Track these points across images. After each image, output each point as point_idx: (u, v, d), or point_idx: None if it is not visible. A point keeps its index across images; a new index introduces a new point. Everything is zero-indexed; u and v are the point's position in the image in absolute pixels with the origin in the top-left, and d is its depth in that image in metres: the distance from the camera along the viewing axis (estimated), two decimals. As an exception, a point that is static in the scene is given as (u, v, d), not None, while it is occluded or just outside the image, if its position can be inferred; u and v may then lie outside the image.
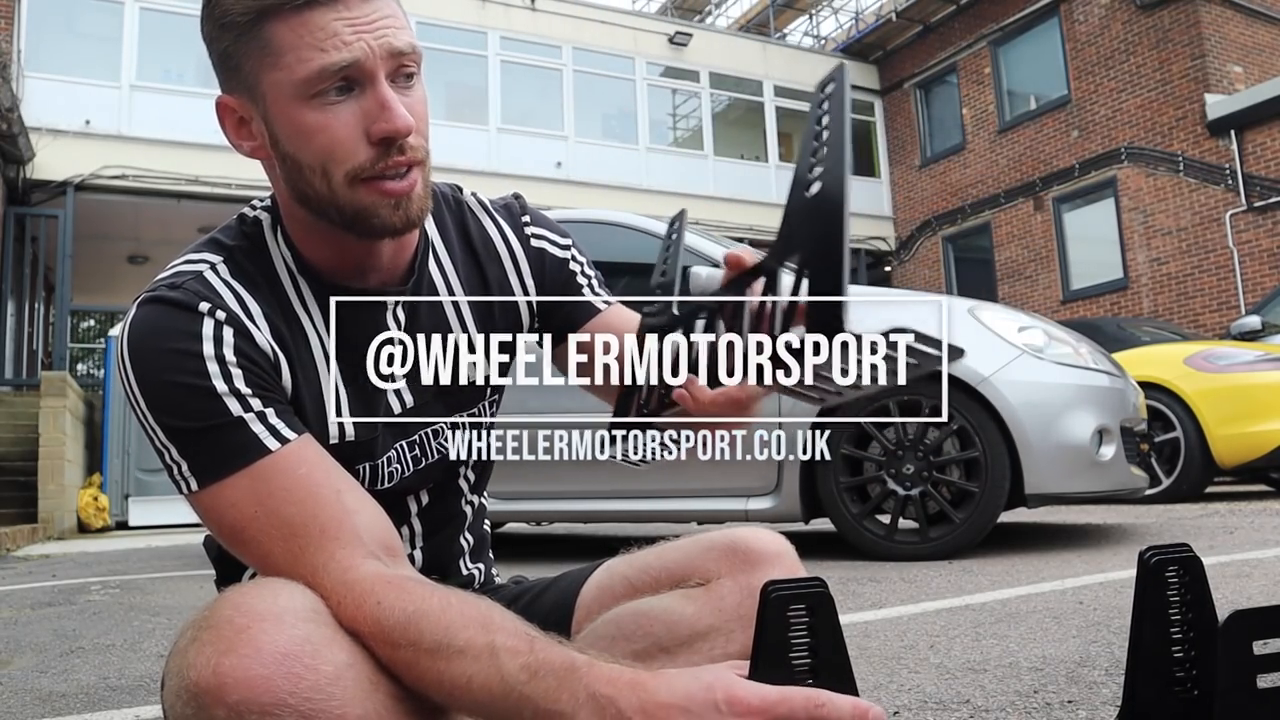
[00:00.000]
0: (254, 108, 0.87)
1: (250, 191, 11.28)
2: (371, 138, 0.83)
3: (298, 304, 0.93)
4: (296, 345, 0.91)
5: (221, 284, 0.89)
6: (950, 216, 14.76)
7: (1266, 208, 10.71)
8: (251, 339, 0.87)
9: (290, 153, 0.86)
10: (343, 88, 0.83)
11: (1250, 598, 2.09)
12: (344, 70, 0.82)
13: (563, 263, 1.08)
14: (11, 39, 10.41)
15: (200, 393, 0.83)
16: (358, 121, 0.83)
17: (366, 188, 0.85)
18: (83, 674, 1.94)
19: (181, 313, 0.85)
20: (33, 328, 13.10)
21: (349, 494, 0.85)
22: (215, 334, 0.85)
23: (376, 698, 0.76)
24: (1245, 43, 11.82)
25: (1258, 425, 5.15)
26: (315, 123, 0.83)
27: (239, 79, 0.86)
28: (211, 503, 0.83)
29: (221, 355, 0.84)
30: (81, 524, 9.15)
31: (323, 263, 0.93)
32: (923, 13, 15.00)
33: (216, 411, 0.83)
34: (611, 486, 3.68)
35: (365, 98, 0.83)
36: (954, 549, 3.19)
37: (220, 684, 0.71)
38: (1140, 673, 0.93)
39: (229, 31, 0.84)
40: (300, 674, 0.72)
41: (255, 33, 0.83)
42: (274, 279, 0.92)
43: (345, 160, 0.84)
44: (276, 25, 0.82)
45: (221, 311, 0.86)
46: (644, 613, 1.02)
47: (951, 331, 3.78)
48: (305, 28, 0.81)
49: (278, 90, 0.84)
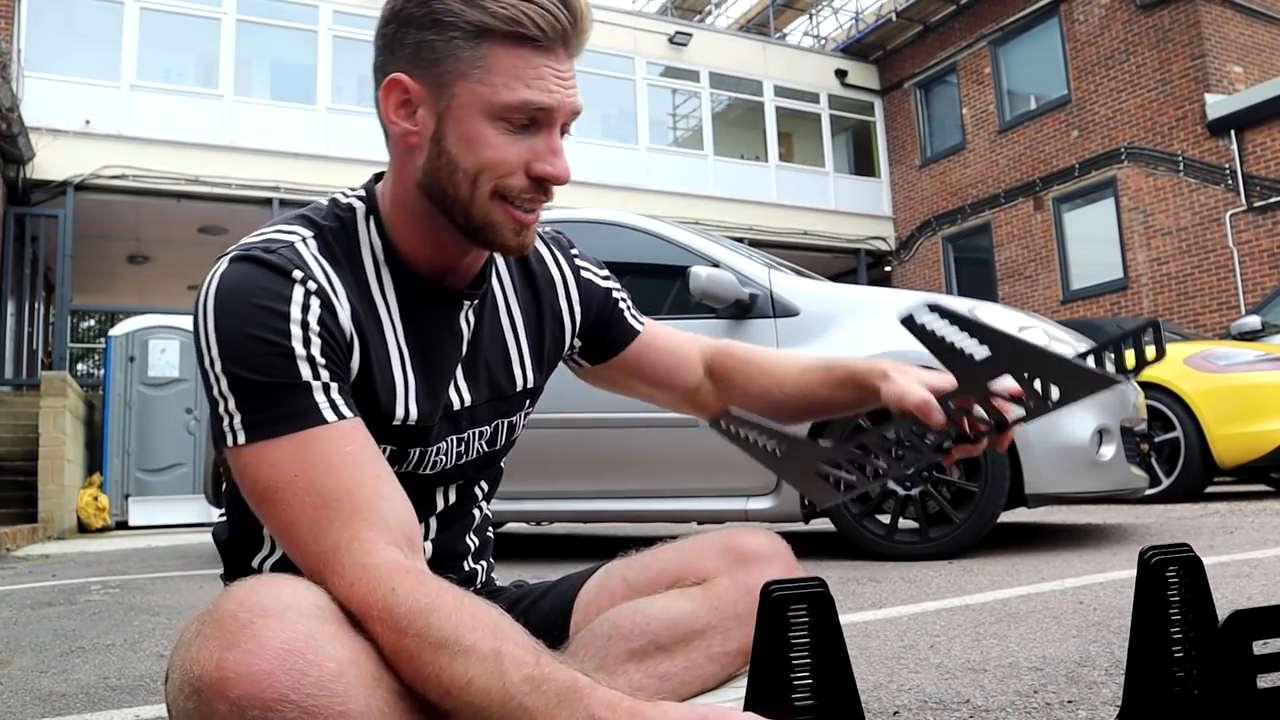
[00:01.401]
0: (432, 100, 0.90)
1: (250, 191, 11.31)
2: (530, 172, 0.91)
3: (377, 290, 0.96)
4: (371, 329, 0.94)
5: (311, 258, 0.91)
6: (950, 216, 14.77)
7: (1266, 208, 10.71)
8: (335, 315, 0.90)
9: (451, 151, 0.91)
10: (526, 124, 0.90)
11: (1250, 598, 2.09)
12: (538, 110, 0.89)
13: (606, 293, 1.18)
14: (11, 39, 10.41)
15: (277, 351, 0.85)
16: (524, 154, 0.91)
17: (503, 207, 0.92)
18: (83, 674, 1.94)
19: (275, 275, 0.88)
20: (33, 328, 13.10)
21: (386, 482, 0.86)
22: (304, 301, 0.88)
23: (379, 695, 0.77)
24: (1245, 43, 11.82)
25: (1258, 425, 5.15)
26: (491, 139, 0.89)
27: (431, 72, 0.90)
28: (254, 458, 0.84)
29: (306, 321, 0.87)
30: (81, 524, 9.16)
31: (414, 254, 0.98)
32: (923, 13, 15.01)
33: (288, 372, 0.85)
34: (611, 486, 3.68)
35: (539, 139, 0.91)
36: (954, 549, 3.19)
37: (223, 679, 0.71)
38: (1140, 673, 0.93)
39: (444, 29, 0.88)
40: (303, 670, 0.72)
41: (473, 43, 0.88)
42: (358, 263, 0.96)
43: (498, 179, 0.91)
44: (496, 47, 0.88)
45: (313, 283, 0.89)
46: (641, 611, 1.02)
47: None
48: (522, 61, 0.88)
49: (472, 98, 0.89)
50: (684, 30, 14.90)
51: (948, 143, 15.00)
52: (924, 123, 15.51)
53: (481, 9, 0.87)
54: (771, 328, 3.51)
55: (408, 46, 0.90)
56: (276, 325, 0.85)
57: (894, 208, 15.86)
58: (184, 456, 10.31)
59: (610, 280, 1.20)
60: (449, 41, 0.88)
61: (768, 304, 3.53)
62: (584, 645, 1.01)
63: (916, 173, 15.47)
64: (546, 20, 0.88)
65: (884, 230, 15.73)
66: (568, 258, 1.16)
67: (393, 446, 0.97)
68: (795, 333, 3.47)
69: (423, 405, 0.98)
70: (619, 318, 1.19)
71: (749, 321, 3.54)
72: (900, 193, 15.78)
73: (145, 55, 11.31)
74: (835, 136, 15.96)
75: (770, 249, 9.64)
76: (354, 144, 11.78)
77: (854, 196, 15.70)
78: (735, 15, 20.39)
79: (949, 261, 14.90)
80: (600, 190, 13.03)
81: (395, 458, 0.98)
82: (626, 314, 1.20)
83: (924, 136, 15.47)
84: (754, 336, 3.51)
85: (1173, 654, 0.91)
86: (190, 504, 9.91)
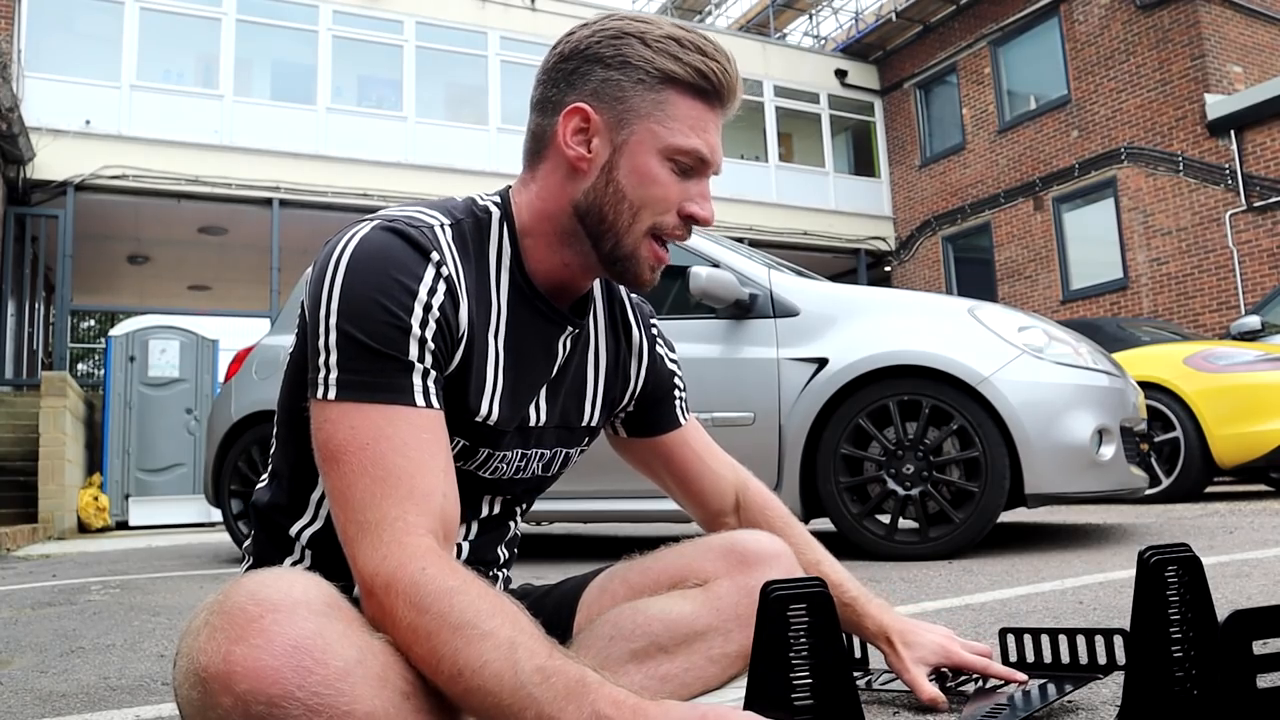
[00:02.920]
0: (610, 132, 0.98)
1: (250, 191, 11.30)
2: (681, 211, 1.00)
3: (495, 291, 0.99)
4: (480, 326, 0.97)
5: (447, 245, 0.95)
6: (950, 216, 14.76)
7: (1266, 208, 10.71)
8: (456, 305, 0.93)
9: (620, 182, 0.98)
10: (688, 169, 0.99)
11: (1250, 598, 2.09)
12: (701, 158, 0.99)
13: (670, 373, 1.23)
14: (11, 39, 10.41)
15: (396, 323, 0.88)
16: (680, 194, 1.00)
17: (651, 243, 1.00)
18: (83, 674, 1.94)
19: (414, 252, 0.91)
20: (33, 328, 13.10)
21: (446, 478, 0.89)
22: (432, 284, 0.91)
23: (384, 694, 0.77)
24: (1245, 43, 11.82)
25: (1257, 425, 5.15)
26: (659, 177, 0.98)
27: (614, 106, 0.98)
28: (337, 415, 0.86)
29: (429, 304, 0.90)
30: (81, 524, 9.15)
31: (539, 267, 1.02)
32: (923, 13, 15.00)
33: (398, 346, 0.88)
34: (612, 486, 3.68)
35: (694, 184, 1.00)
36: (954, 549, 3.19)
37: (229, 672, 0.72)
38: (1140, 673, 0.93)
39: (633, 71, 0.97)
40: (310, 668, 0.73)
41: (658, 88, 0.98)
42: (485, 262, 0.99)
43: (657, 215, 0.99)
44: (678, 95, 0.98)
45: (446, 268, 0.92)
46: (643, 612, 1.02)
47: (951, 332, 3.77)
48: (697, 112, 0.99)
49: (649, 137, 0.98)
50: (684, 30, 14.88)
51: (948, 143, 15.00)
52: (924, 123, 15.51)
53: (671, 58, 0.97)
54: (771, 328, 3.51)
55: (592, 81, 0.98)
56: (402, 300, 0.88)
57: (894, 208, 15.86)
58: (184, 456, 10.31)
59: (676, 365, 1.25)
60: (636, 84, 0.97)
61: (768, 304, 3.53)
62: (586, 645, 1.02)
63: (916, 173, 15.46)
64: (722, 79, 0.99)
65: (884, 230, 15.73)
66: (647, 325, 1.22)
67: (466, 441, 1.00)
68: (795, 333, 3.47)
69: (505, 409, 1.01)
70: (670, 403, 1.23)
71: (749, 321, 3.54)
72: (900, 193, 15.77)
73: (145, 55, 11.31)
74: (835, 136, 15.95)
75: (770, 249, 9.64)
76: (354, 144, 11.79)
77: (854, 196, 15.69)
78: (735, 15, 20.39)
79: (949, 261, 14.90)
80: (600, 190, 13.00)
81: (465, 453, 1.01)
82: (677, 403, 1.24)
83: (924, 136, 15.47)
84: (754, 336, 3.51)
85: (1172, 654, 0.91)
86: (190, 504, 9.91)
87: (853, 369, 3.30)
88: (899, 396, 3.26)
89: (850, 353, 3.34)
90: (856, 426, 3.31)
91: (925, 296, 3.72)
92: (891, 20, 15.28)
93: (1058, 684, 1.21)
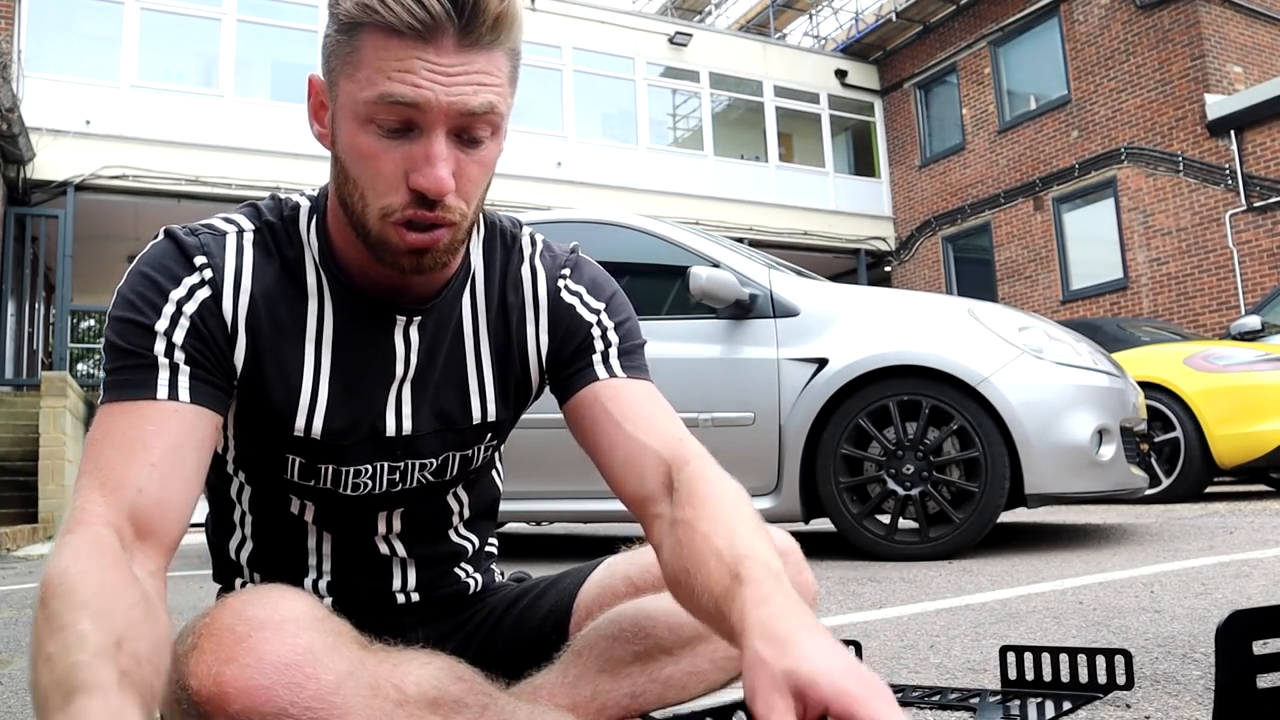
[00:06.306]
0: (331, 104, 0.86)
1: (250, 192, 11.29)
2: (408, 184, 0.82)
3: (314, 295, 0.93)
4: (276, 331, 0.91)
5: (235, 250, 0.91)
6: (950, 216, 14.76)
7: (1266, 208, 10.71)
8: (219, 306, 0.89)
9: (342, 160, 0.86)
10: (399, 129, 0.81)
11: (1250, 598, 2.09)
12: (401, 109, 0.79)
13: (585, 325, 1.02)
14: (11, 39, 10.41)
15: (144, 321, 0.86)
16: (402, 163, 0.81)
17: (393, 226, 0.84)
18: (83, 674, 1.94)
19: (179, 255, 0.89)
20: (33, 328, 13.10)
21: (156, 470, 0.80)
22: (192, 288, 0.88)
23: (377, 705, 0.77)
24: (1245, 43, 11.82)
25: (1258, 425, 5.15)
26: (366, 148, 0.82)
27: (327, 69, 0.86)
28: (98, 417, 0.85)
29: (181, 307, 0.87)
30: (81, 524, 9.14)
31: (351, 262, 0.93)
32: (923, 13, 15.00)
33: (144, 344, 0.85)
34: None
35: (417, 144, 0.81)
36: (954, 549, 3.19)
37: (222, 693, 0.71)
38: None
39: (332, 22, 0.83)
40: (301, 683, 0.72)
41: (350, 35, 0.81)
42: (299, 264, 0.93)
43: (381, 195, 0.83)
44: (366, 38, 0.79)
45: (210, 272, 0.89)
46: (646, 613, 1.01)
47: (951, 332, 3.78)
48: (388, 52, 0.78)
49: (347, 99, 0.82)
50: (684, 30, 14.90)
51: (947, 143, 15.00)
52: (924, 123, 15.51)
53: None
54: (771, 328, 3.51)
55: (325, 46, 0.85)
56: (154, 301, 0.86)
57: (894, 208, 15.86)
58: (184, 456, 10.29)
59: (601, 314, 1.02)
60: (335, 35, 0.82)
61: (768, 304, 3.53)
62: (588, 645, 1.01)
63: (916, 173, 15.46)
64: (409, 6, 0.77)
65: (884, 230, 15.72)
66: (552, 276, 1.03)
67: (300, 459, 0.95)
68: (795, 333, 3.47)
69: (333, 422, 0.93)
70: (584, 356, 1.00)
71: (749, 322, 3.54)
72: (900, 193, 15.77)
73: (145, 55, 11.31)
74: (835, 137, 15.95)
75: (770, 249, 9.64)
76: (354, 144, 11.78)
77: (854, 197, 15.69)
78: (735, 15, 20.39)
79: (949, 261, 14.90)
80: (600, 190, 13.03)
81: (305, 472, 0.96)
82: (595, 356, 1.00)
83: (924, 137, 15.47)
84: (754, 336, 3.51)
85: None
86: (190, 504, 9.90)
87: (853, 369, 3.31)
88: (899, 396, 3.26)
89: (850, 353, 3.34)
90: (856, 426, 3.31)
91: (925, 297, 3.72)
92: (891, 20, 15.28)
93: (1056, 702, 1.21)
